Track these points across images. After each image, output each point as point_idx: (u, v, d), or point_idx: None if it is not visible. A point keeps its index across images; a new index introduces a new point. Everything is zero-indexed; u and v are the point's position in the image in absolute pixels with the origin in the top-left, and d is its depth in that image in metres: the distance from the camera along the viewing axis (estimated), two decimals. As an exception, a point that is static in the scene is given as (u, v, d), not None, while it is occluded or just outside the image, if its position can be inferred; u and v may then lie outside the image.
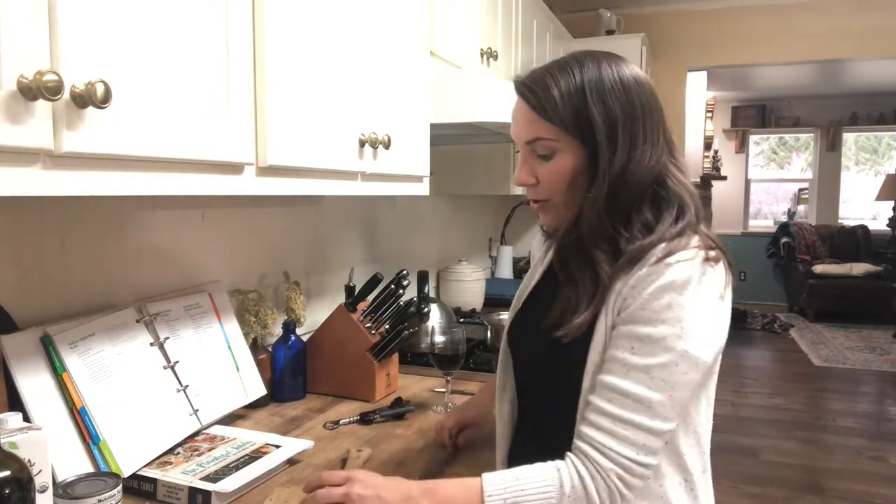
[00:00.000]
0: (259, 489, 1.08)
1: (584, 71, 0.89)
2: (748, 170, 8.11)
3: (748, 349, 5.83)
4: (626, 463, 0.80)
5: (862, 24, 3.95)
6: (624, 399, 0.81)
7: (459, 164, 2.64)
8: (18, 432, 0.83)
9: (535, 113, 0.90)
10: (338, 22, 1.18)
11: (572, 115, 0.87)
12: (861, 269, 6.69)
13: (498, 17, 2.23)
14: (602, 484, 0.80)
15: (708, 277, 0.82)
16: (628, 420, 0.81)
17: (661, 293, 0.81)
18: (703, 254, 0.83)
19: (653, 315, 0.81)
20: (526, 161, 0.94)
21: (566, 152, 0.89)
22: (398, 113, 1.41)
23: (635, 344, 0.82)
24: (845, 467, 3.38)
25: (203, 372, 1.27)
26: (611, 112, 0.87)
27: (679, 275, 0.81)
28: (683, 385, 0.81)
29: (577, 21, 3.97)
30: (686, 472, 0.89)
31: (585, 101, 0.87)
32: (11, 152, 0.64)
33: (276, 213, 1.70)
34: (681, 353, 0.80)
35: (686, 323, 0.81)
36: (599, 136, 0.87)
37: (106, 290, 1.23)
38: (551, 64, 0.93)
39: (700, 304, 0.81)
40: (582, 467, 0.82)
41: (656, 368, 0.81)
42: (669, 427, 0.82)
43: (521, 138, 0.94)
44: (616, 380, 0.82)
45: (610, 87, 0.88)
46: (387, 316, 1.58)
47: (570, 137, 0.88)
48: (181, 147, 0.84)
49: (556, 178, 0.91)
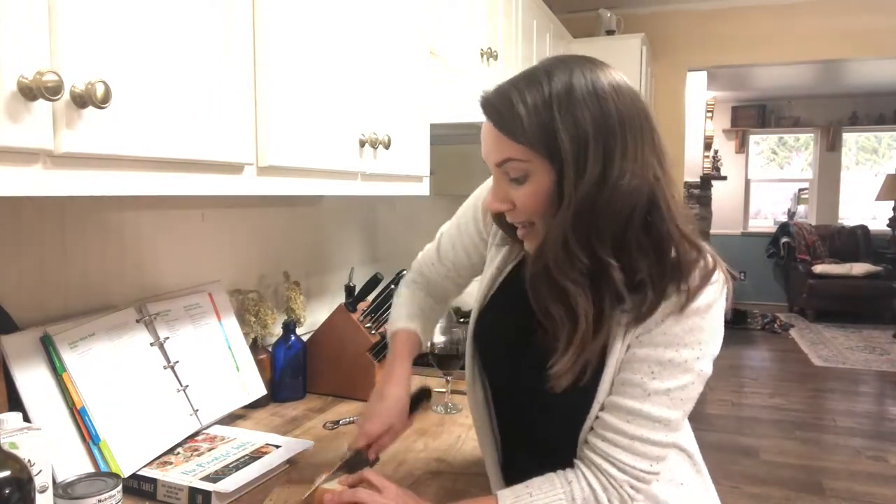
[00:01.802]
0: (259, 489, 1.08)
1: (553, 82, 0.78)
2: (748, 170, 8.11)
3: (748, 349, 5.83)
4: (639, 475, 0.83)
5: (862, 24, 3.95)
6: (644, 420, 0.82)
7: (459, 164, 2.63)
8: (18, 432, 0.83)
9: (502, 133, 0.80)
10: (338, 22, 1.18)
11: (539, 132, 0.77)
12: (861, 269, 6.69)
13: (498, 17, 2.23)
14: (614, 493, 0.83)
15: (724, 298, 0.83)
16: (647, 438, 0.82)
17: (687, 318, 0.80)
18: (723, 276, 0.82)
19: (675, 339, 0.81)
20: (499, 185, 0.85)
21: (538, 173, 0.80)
22: (398, 113, 1.41)
23: (655, 368, 0.81)
24: (845, 467, 3.38)
25: (203, 372, 1.27)
26: (580, 126, 0.76)
27: (705, 300, 0.80)
28: (694, 399, 0.84)
29: (577, 21, 3.97)
30: (687, 452, 0.94)
31: (552, 116, 0.77)
32: (11, 152, 0.64)
33: (276, 213, 1.70)
34: (697, 372, 0.82)
35: (704, 345, 0.82)
36: (565, 155, 0.77)
37: (106, 290, 1.23)
38: (519, 76, 0.83)
39: (717, 325, 0.83)
40: (594, 479, 0.83)
41: (676, 390, 0.82)
42: (678, 436, 0.86)
43: (490, 160, 0.85)
44: (636, 404, 0.82)
45: (581, 97, 0.77)
46: (387, 316, 1.58)
47: (540, 157, 0.79)
48: (181, 147, 0.84)
49: (530, 202, 0.82)
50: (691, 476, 0.95)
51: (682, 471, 0.94)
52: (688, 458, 0.95)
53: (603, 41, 3.78)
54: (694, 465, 0.95)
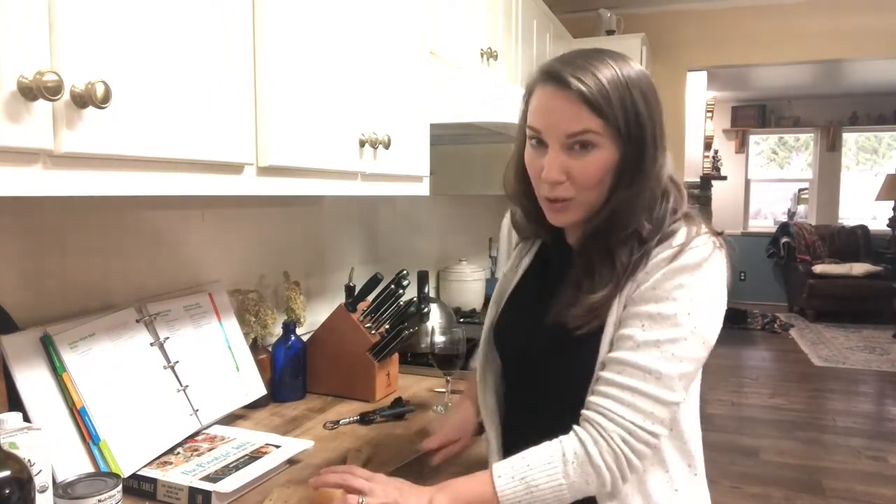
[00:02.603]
0: (259, 489, 1.08)
1: (621, 67, 0.86)
2: (748, 170, 8.11)
3: (748, 349, 5.82)
4: (630, 426, 0.82)
5: (862, 24, 3.95)
6: (634, 370, 0.83)
7: (459, 164, 2.64)
8: (18, 432, 0.83)
9: (585, 104, 0.83)
10: (338, 22, 1.18)
11: (622, 110, 0.84)
12: (861, 269, 6.69)
13: (498, 17, 2.23)
14: (605, 446, 0.82)
15: (716, 261, 0.86)
16: (636, 388, 0.83)
17: (674, 274, 0.84)
18: (714, 240, 0.87)
19: (664, 294, 0.84)
20: (559, 156, 0.87)
21: (604, 148, 0.85)
22: (398, 113, 1.41)
23: (646, 322, 0.84)
24: (845, 467, 3.38)
25: (203, 372, 1.27)
26: (653, 110, 0.87)
27: (692, 258, 0.84)
28: (690, 360, 0.85)
29: (577, 21, 3.97)
30: (689, 456, 0.93)
31: (632, 98, 0.85)
32: (11, 152, 0.64)
33: (276, 213, 1.70)
34: (690, 329, 0.83)
35: (696, 302, 0.84)
36: (647, 135, 0.86)
37: (106, 290, 1.23)
38: (583, 54, 0.87)
39: (709, 286, 0.85)
40: (584, 433, 0.84)
41: (666, 343, 0.83)
42: (676, 399, 0.84)
43: (562, 131, 0.85)
44: (627, 354, 0.84)
45: (646, 85, 0.87)
46: (387, 316, 1.58)
47: (613, 132, 0.84)
48: (181, 147, 0.84)
49: (591, 173, 0.86)
50: (687, 480, 0.92)
51: (678, 474, 0.92)
52: (687, 463, 0.93)
53: (603, 41, 3.78)
54: (692, 471, 0.93)
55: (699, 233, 0.87)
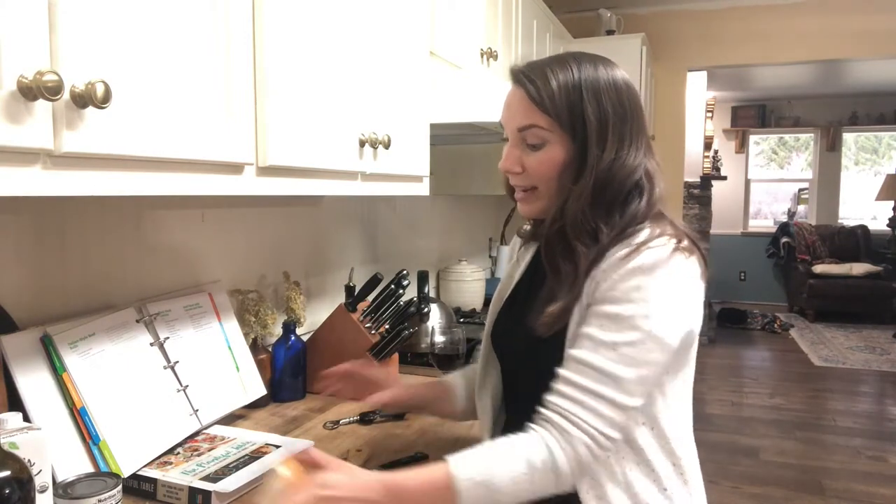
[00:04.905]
0: (259, 489, 1.08)
1: (582, 69, 0.92)
2: (748, 170, 8.11)
3: (748, 349, 5.82)
4: (593, 433, 0.82)
5: (862, 24, 3.95)
6: (593, 372, 0.84)
7: (459, 164, 2.64)
8: (18, 432, 0.83)
9: (532, 102, 0.92)
10: (338, 22, 1.18)
11: (567, 108, 0.90)
12: (861, 269, 6.69)
13: (498, 17, 2.23)
14: (571, 453, 0.82)
15: (677, 263, 0.86)
16: (596, 392, 0.83)
17: (631, 275, 0.84)
18: (675, 243, 0.87)
19: (621, 295, 0.85)
20: (514, 148, 0.96)
21: (556, 144, 0.92)
22: (398, 113, 1.41)
23: (604, 322, 0.85)
24: (845, 467, 3.38)
25: (203, 372, 1.27)
26: (604, 111, 0.90)
27: (648, 259, 0.85)
28: (649, 363, 0.84)
29: (577, 21, 3.97)
30: (673, 456, 0.91)
31: (581, 97, 0.90)
32: (11, 152, 0.64)
33: (276, 213, 1.70)
34: (647, 332, 0.83)
35: (653, 304, 0.84)
36: (591, 133, 0.90)
37: (106, 290, 1.23)
38: (550, 58, 0.96)
39: (667, 288, 0.85)
40: (550, 438, 0.83)
41: (623, 346, 0.83)
42: (633, 403, 0.84)
43: (513, 125, 0.95)
44: (585, 354, 0.85)
45: (605, 87, 0.91)
46: (387, 316, 1.58)
47: (561, 130, 0.91)
48: (181, 147, 0.84)
49: (543, 168, 0.93)
50: (675, 482, 0.91)
51: (666, 475, 0.90)
52: (672, 462, 0.91)
53: (603, 41, 3.78)
54: (678, 470, 0.92)
55: (662, 234, 0.87)
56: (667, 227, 0.90)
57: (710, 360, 5.27)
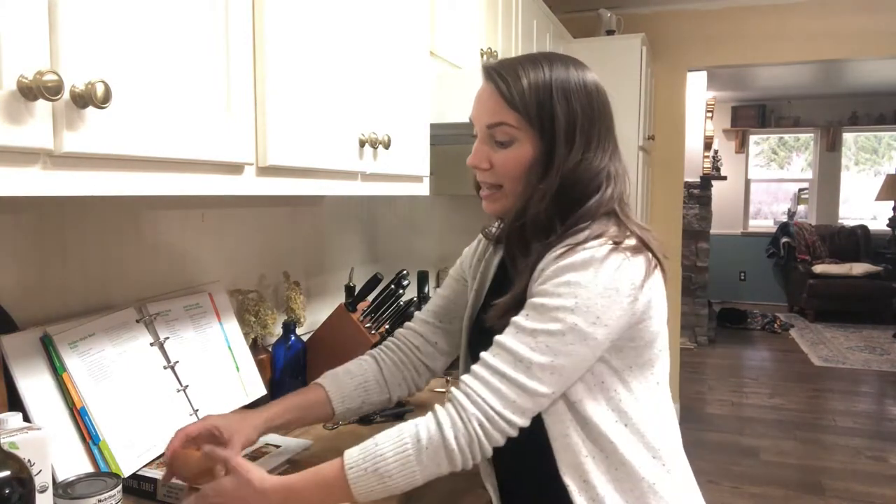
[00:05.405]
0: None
1: (553, 69, 0.93)
2: (748, 170, 8.11)
3: (748, 349, 5.82)
4: (489, 412, 0.83)
5: (862, 24, 3.95)
6: (507, 355, 0.85)
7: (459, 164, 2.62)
8: (18, 432, 0.83)
9: (502, 99, 0.93)
10: (338, 22, 1.18)
11: (536, 107, 0.91)
12: (861, 269, 6.69)
13: (498, 17, 2.23)
14: (462, 429, 0.83)
15: (613, 263, 0.85)
16: (504, 373, 0.84)
17: (562, 271, 0.86)
18: (612, 244, 0.87)
19: (551, 289, 0.86)
20: (483, 145, 0.97)
21: (524, 142, 0.93)
22: (398, 113, 1.41)
23: (530, 311, 0.86)
24: (845, 467, 3.38)
25: (203, 372, 1.27)
26: (573, 111, 0.91)
27: (581, 257, 0.86)
28: (567, 355, 0.84)
29: (577, 21, 3.97)
30: (651, 448, 0.91)
31: (551, 97, 0.91)
32: (11, 152, 0.64)
33: (276, 213, 1.70)
34: (570, 325, 0.84)
35: (580, 300, 0.84)
36: (559, 132, 0.91)
37: (106, 290, 1.23)
38: (523, 57, 0.97)
39: (598, 286, 0.84)
40: (444, 414, 0.84)
41: (542, 334, 0.84)
42: (545, 391, 0.84)
43: (482, 121, 0.96)
44: (505, 338, 0.86)
45: (575, 88, 0.92)
46: (387, 316, 1.58)
47: (530, 128, 0.92)
48: (181, 147, 0.84)
49: (510, 166, 0.94)
50: (658, 473, 0.91)
51: (647, 468, 0.90)
52: (651, 455, 0.91)
53: (603, 41, 3.77)
54: (662, 465, 0.91)
55: (602, 234, 0.88)
56: (610, 226, 0.90)
57: (710, 360, 5.27)
